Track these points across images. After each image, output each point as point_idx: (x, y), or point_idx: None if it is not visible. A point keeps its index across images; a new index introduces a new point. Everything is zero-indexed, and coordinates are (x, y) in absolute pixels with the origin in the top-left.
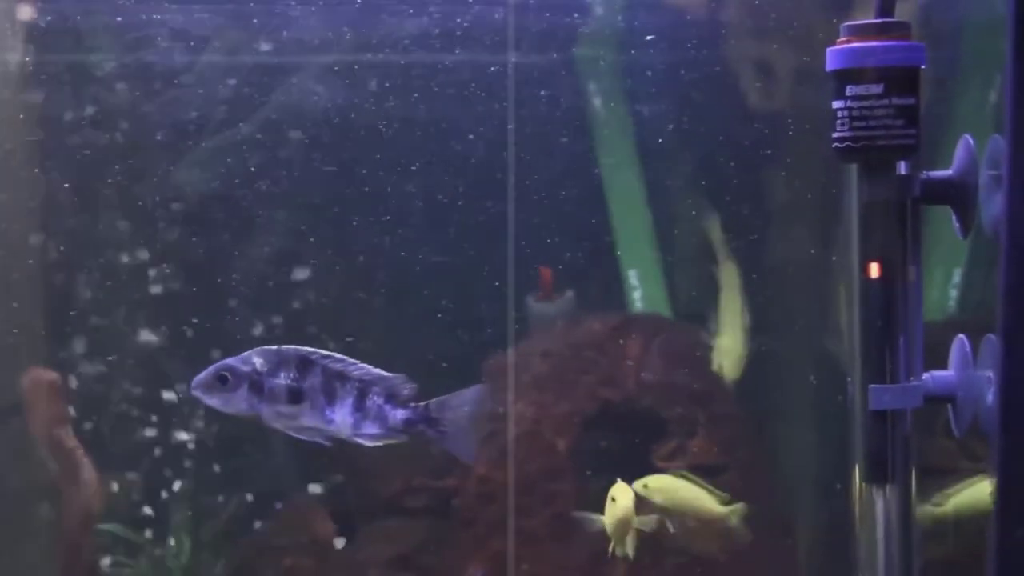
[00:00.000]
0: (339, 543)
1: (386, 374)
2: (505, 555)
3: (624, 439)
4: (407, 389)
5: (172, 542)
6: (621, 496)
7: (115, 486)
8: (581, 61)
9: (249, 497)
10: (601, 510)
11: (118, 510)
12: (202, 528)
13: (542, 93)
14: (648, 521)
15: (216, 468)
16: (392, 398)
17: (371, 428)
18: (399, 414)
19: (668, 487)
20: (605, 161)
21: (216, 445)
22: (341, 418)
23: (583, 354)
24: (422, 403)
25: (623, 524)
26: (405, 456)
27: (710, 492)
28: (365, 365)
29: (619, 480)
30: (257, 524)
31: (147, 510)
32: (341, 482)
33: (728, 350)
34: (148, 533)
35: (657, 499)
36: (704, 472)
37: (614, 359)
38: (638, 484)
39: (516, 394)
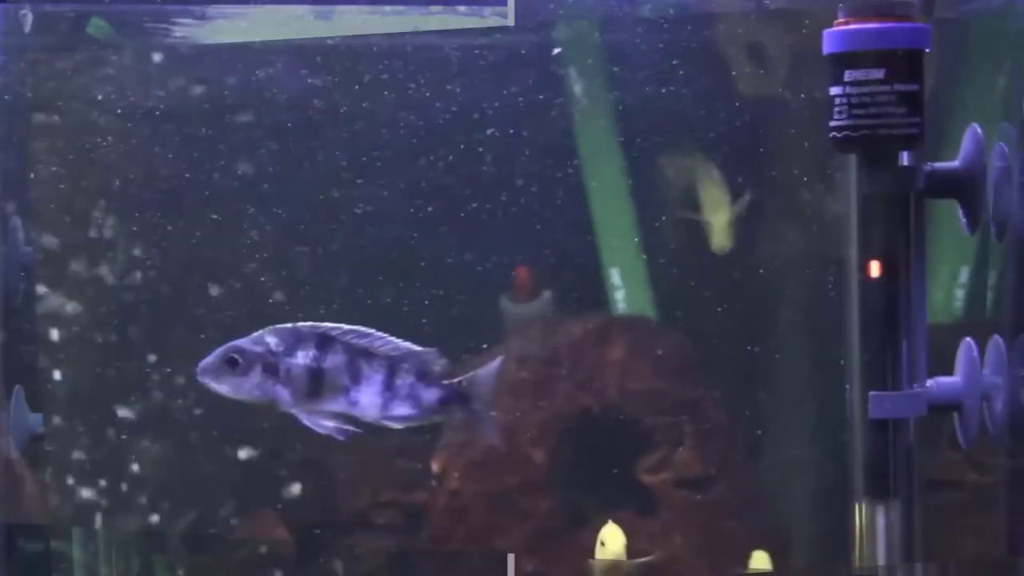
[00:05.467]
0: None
1: (416, 348)
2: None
3: (606, 450)
4: (439, 365)
5: (119, 560)
6: (611, 540)
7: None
8: (561, 44)
9: (202, 512)
10: (581, 528)
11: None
12: (151, 545)
13: (517, 78)
14: (639, 564)
15: (167, 481)
16: (424, 375)
17: (401, 409)
18: (432, 393)
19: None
20: (585, 151)
21: (167, 455)
22: (367, 400)
23: (561, 359)
24: (456, 380)
25: (615, 569)
26: (373, 467)
27: None
28: (393, 339)
29: (610, 521)
30: (211, 542)
31: (92, 526)
32: (303, 495)
33: (708, 202)
34: (93, 551)
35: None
36: (691, 485)
37: (595, 364)
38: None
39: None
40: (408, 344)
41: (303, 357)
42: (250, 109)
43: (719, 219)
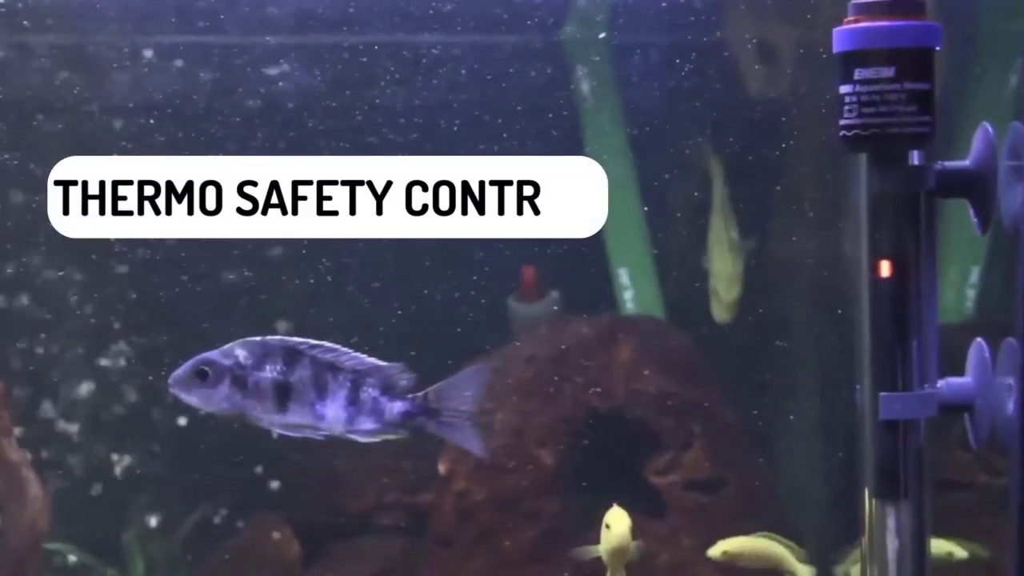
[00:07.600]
0: None
1: (381, 363)
2: None
3: (614, 451)
4: (405, 379)
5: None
6: (617, 523)
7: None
8: (568, 43)
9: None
10: (587, 529)
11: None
12: (156, 547)
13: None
14: (644, 548)
15: (173, 482)
16: (389, 389)
17: (366, 423)
18: (396, 407)
19: (748, 549)
20: (593, 150)
21: (173, 457)
22: (333, 413)
23: (569, 359)
24: (420, 393)
25: (620, 552)
26: (378, 468)
27: (789, 549)
28: (358, 354)
29: (615, 505)
30: (216, 544)
31: (97, 528)
32: (308, 496)
33: (721, 272)
34: (98, 553)
35: (742, 563)
36: (701, 488)
37: (603, 365)
38: (715, 550)
39: (496, 402)
40: (373, 359)
41: (271, 370)
42: None
43: (728, 294)
